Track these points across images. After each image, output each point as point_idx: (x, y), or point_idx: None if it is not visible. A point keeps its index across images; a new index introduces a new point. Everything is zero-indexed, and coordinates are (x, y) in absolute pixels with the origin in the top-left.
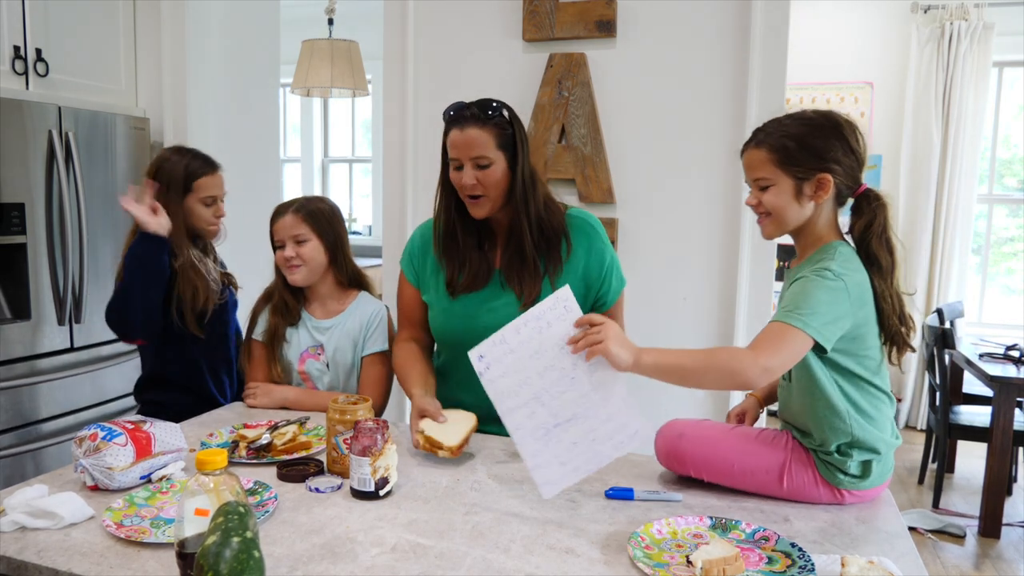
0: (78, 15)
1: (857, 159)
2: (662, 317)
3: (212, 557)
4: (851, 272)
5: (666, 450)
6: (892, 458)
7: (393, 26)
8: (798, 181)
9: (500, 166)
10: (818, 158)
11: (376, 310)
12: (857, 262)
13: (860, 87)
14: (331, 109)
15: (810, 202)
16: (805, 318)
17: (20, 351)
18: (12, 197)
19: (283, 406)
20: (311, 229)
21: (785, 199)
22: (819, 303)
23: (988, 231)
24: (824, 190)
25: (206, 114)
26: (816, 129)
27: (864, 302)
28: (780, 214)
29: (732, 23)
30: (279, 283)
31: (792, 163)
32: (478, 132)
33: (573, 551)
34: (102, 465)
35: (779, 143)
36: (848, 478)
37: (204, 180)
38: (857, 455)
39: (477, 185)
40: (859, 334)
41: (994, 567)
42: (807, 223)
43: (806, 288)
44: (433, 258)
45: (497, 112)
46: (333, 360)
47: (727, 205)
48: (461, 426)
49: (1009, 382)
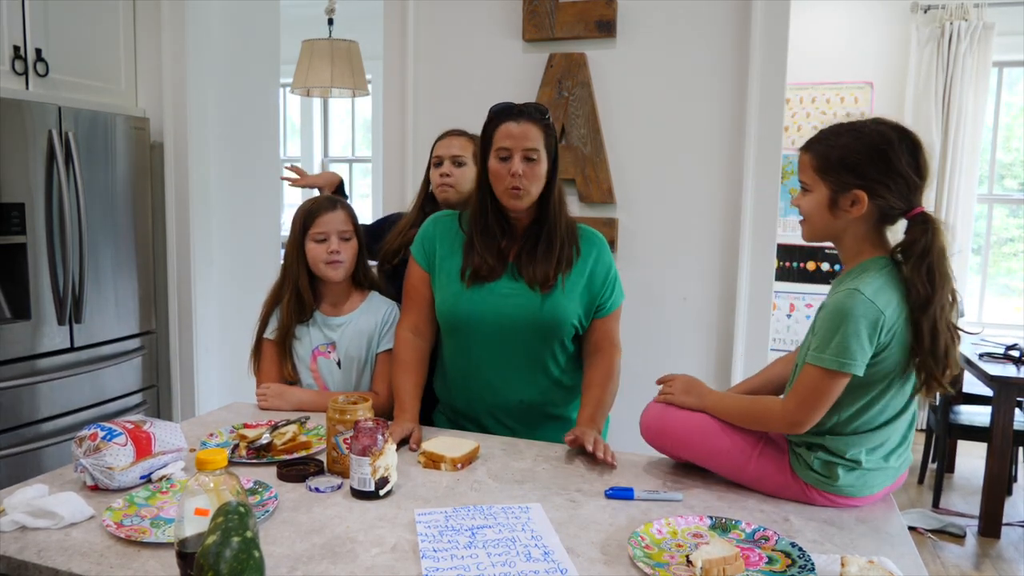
0: (78, 15)
1: (906, 181)
2: (662, 317)
3: (212, 557)
4: (883, 297)
5: (648, 423)
6: (878, 479)
7: (393, 26)
8: (834, 192)
9: (544, 164)
10: (856, 175)
11: (389, 308)
12: (891, 281)
13: (860, 87)
14: (331, 109)
15: (844, 215)
16: (840, 358)
17: (20, 351)
18: (12, 197)
19: (298, 408)
20: (353, 228)
21: (818, 207)
22: (847, 335)
23: (988, 231)
24: (859, 207)
25: (206, 114)
26: (861, 144)
27: (886, 328)
28: (811, 220)
29: (732, 23)
30: (299, 279)
31: (829, 173)
32: (532, 127)
33: (573, 551)
34: (102, 465)
35: (823, 151)
36: (814, 475)
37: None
38: (824, 455)
39: (523, 176)
40: (876, 355)
41: (994, 567)
42: (845, 236)
43: (834, 318)
44: (448, 247)
45: (548, 116)
46: (346, 357)
47: (727, 205)
48: (463, 445)
49: (1009, 382)
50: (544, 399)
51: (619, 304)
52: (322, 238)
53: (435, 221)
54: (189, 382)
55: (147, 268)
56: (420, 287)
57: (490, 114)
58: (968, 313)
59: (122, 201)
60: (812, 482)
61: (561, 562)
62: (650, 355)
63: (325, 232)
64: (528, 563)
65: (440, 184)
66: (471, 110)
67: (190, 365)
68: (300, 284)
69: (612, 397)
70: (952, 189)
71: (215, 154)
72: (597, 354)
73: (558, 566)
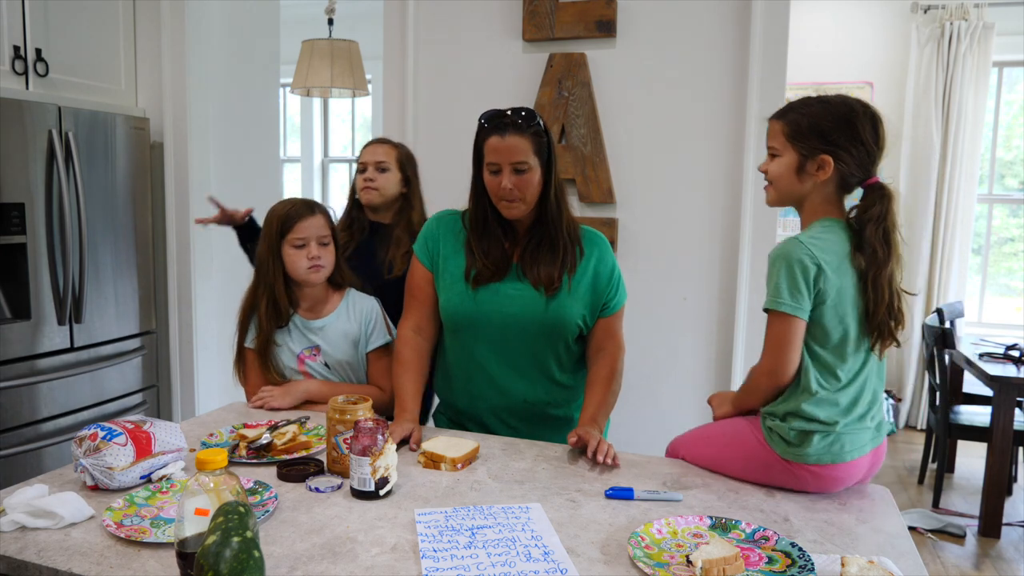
0: (78, 15)
1: (867, 150)
2: (662, 317)
3: (212, 557)
4: (819, 244)
5: (670, 452)
6: (848, 442)
7: (393, 26)
8: (802, 157)
9: (536, 172)
10: (823, 140)
11: (370, 307)
12: (835, 237)
13: (860, 87)
14: (331, 109)
15: (810, 180)
16: (776, 298)
17: (20, 351)
18: (12, 197)
19: (307, 399)
20: (331, 232)
21: (786, 171)
22: (780, 277)
23: (988, 231)
24: (824, 171)
25: (206, 114)
26: (830, 113)
27: (828, 279)
28: (778, 183)
29: (732, 23)
30: (275, 284)
31: (799, 139)
32: (519, 139)
33: (573, 551)
34: (102, 465)
35: (794, 119)
36: (792, 449)
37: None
38: (799, 423)
39: (514, 189)
40: (818, 306)
41: (994, 567)
42: (807, 200)
43: (771, 264)
44: (451, 246)
45: (535, 122)
46: (332, 360)
47: (727, 205)
48: (463, 445)
49: (1009, 382)
50: (547, 399)
51: (623, 303)
52: (301, 244)
53: (438, 220)
54: (189, 382)
55: (147, 268)
56: (423, 286)
57: (479, 123)
58: (968, 313)
59: (122, 201)
60: (791, 457)
61: (561, 562)
62: (650, 355)
63: (304, 238)
64: (528, 563)
65: (364, 187)
66: (471, 110)
67: (190, 365)
68: (276, 290)
69: (615, 396)
70: (952, 189)
71: (215, 154)
72: (601, 353)
73: (558, 566)
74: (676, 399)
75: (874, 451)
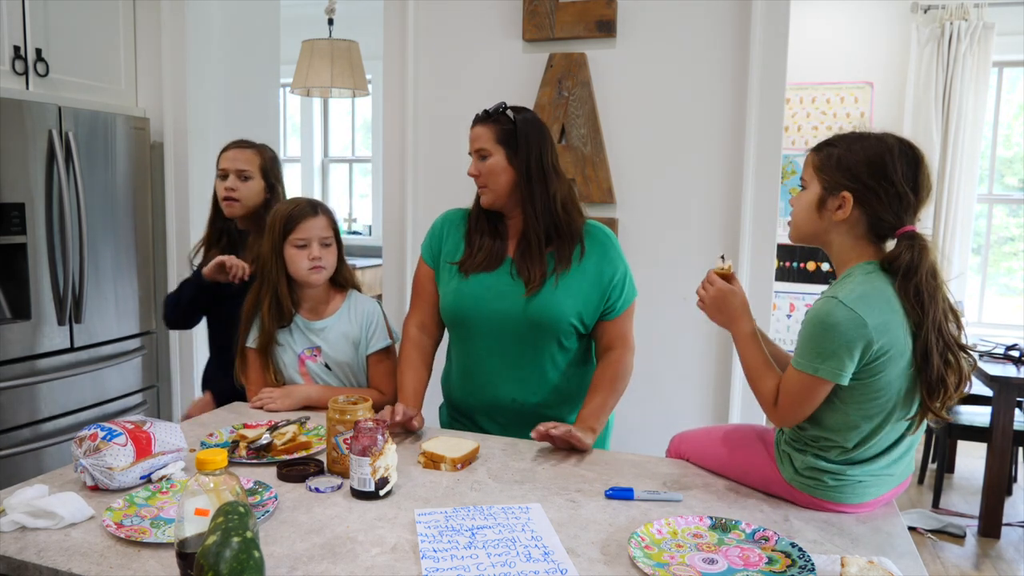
0: (78, 15)
1: (899, 193)
2: (662, 317)
3: (212, 557)
4: (856, 302)
5: (674, 446)
6: (865, 489)
7: (393, 26)
8: (824, 192)
9: (498, 159)
10: (847, 176)
11: (371, 310)
12: (872, 291)
13: (860, 87)
14: (331, 109)
15: (828, 217)
16: (814, 363)
17: (20, 351)
18: (12, 197)
19: (306, 405)
20: (334, 233)
21: (806, 204)
22: (822, 343)
23: (988, 231)
24: (844, 210)
25: (206, 114)
26: (862, 148)
27: (877, 335)
28: (795, 216)
29: (732, 23)
30: (278, 284)
31: (825, 172)
32: (481, 128)
33: (573, 551)
34: (102, 465)
35: (827, 151)
36: (800, 478)
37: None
38: (813, 460)
39: (479, 175)
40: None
41: (994, 567)
42: (832, 241)
43: (811, 326)
44: (452, 243)
45: (498, 111)
46: (332, 361)
47: (727, 205)
48: (463, 445)
49: (1009, 382)
50: (539, 401)
51: (631, 302)
52: (303, 244)
53: (444, 219)
54: (189, 382)
55: (147, 268)
56: (427, 284)
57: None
58: (968, 313)
59: (122, 201)
60: (797, 486)
61: (561, 562)
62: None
63: (306, 238)
64: (528, 563)
65: (224, 197)
66: (471, 110)
67: (190, 365)
68: (280, 290)
69: (618, 397)
70: (952, 189)
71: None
72: (608, 353)
73: (558, 566)
74: (676, 399)
75: (893, 490)
